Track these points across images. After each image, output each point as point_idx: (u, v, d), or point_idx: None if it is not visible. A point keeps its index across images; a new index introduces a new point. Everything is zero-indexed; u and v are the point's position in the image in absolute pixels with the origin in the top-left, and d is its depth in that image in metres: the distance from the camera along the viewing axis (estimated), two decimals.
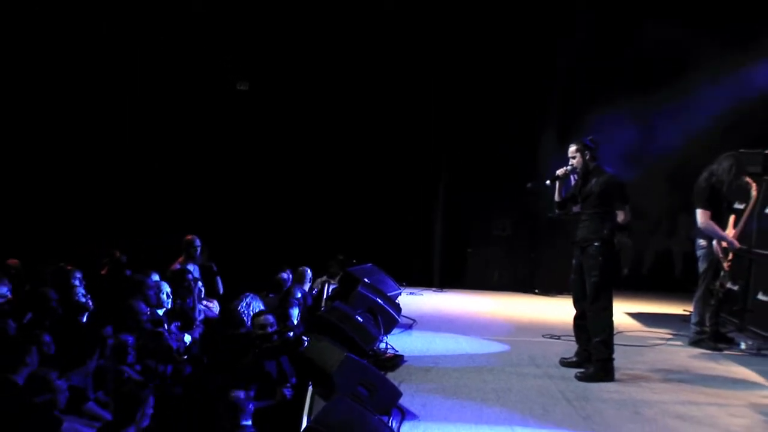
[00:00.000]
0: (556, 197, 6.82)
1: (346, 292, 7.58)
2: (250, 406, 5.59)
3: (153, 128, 11.56)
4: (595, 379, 6.43)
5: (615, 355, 6.56)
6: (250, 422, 5.57)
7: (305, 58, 11.37)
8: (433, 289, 10.99)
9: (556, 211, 6.97)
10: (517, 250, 11.21)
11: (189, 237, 9.20)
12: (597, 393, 6.12)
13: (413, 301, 9.78)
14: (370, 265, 8.68)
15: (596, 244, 6.46)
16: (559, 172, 6.72)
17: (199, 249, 9.15)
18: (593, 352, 6.55)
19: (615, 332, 6.69)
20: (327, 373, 5.44)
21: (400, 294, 8.94)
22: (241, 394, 5.62)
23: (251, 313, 7.37)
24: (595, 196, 6.50)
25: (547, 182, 6.82)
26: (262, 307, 7.50)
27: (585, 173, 6.60)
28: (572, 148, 6.65)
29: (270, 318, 7.20)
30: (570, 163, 6.66)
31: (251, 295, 7.79)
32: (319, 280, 9.62)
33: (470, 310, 9.66)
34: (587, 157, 6.58)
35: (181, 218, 10.67)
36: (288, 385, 6.28)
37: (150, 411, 5.31)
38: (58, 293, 7.30)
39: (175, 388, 6.18)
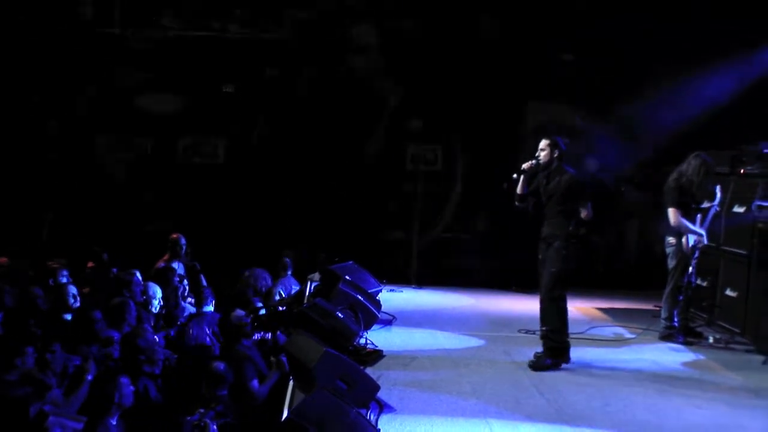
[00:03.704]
0: (519, 190, 6.86)
1: (328, 288, 7.66)
2: (229, 377, 5.77)
3: (136, 125, 11.62)
4: (543, 367, 6.55)
5: (587, 350, 6.73)
6: (225, 392, 5.76)
7: (290, 58, 11.46)
8: (413, 286, 11.05)
9: (516, 203, 6.96)
10: (494, 248, 11.26)
11: (174, 235, 9.28)
12: (568, 386, 6.26)
13: (393, 297, 9.85)
14: (351, 262, 8.78)
15: (561, 240, 6.63)
16: (525, 165, 6.79)
17: (184, 247, 9.24)
18: (544, 340, 6.68)
19: (588, 327, 6.84)
20: (307, 368, 5.52)
21: (380, 291, 9.00)
22: (221, 365, 5.79)
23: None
24: (559, 195, 6.65)
25: (514, 175, 6.87)
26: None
27: (548, 170, 6.73)
28: (544, 142, 6.75)
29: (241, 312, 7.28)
30: (537, 155, 6.77)
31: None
32: (309, 277, 9.72)
33: (448, 306, 9.74)
34: (555, 155, 6.71)
35: (167, 217, 10.76)
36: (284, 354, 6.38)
37: (130, 389, 5.41)
38: (44, 290, 7.41)
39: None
